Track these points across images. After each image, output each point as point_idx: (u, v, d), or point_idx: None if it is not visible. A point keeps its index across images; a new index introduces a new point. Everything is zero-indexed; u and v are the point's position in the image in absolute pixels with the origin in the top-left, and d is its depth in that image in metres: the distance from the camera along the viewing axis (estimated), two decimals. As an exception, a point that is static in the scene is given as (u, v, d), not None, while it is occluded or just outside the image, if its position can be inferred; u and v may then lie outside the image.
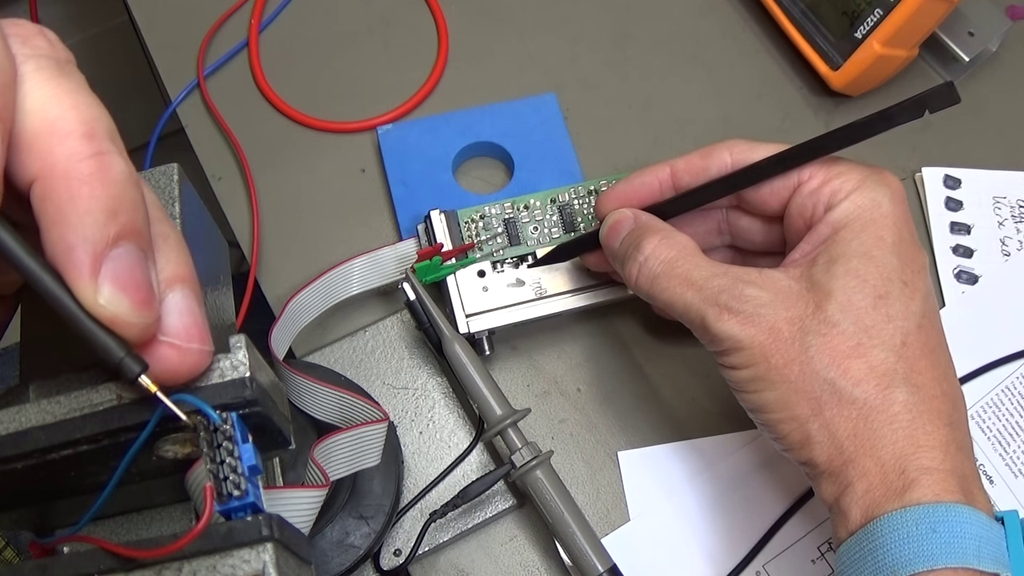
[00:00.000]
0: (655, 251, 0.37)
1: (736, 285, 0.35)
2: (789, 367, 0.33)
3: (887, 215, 0.35)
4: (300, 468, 0.38)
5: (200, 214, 0.33)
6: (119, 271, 0.22)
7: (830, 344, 0.33)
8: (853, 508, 0.32)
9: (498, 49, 0.55)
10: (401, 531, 0.42)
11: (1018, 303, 0.48)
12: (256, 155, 0.51)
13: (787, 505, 0.43)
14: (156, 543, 0.22)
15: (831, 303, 0.34)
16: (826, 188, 0.36)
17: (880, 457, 0.32)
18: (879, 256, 0.34)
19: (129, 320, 0.22)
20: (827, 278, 0.34)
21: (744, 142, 0.38)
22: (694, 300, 0.35)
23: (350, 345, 0.46)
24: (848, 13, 0.50)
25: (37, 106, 0.22)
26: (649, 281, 0.37)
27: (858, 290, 0.34)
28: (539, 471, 0.40)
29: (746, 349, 0.34)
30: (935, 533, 0.30)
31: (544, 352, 0.47)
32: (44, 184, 0.21)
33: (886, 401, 0.33)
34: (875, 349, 0.33)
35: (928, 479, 0.31)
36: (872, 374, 0.33)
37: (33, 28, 0.23)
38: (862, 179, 0.35)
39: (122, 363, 0.22)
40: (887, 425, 0.32)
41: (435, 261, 0.43)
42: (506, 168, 0.51)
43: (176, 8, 0.56)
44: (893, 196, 0.35)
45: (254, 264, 0.48)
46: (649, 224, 0.39)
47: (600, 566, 0.39)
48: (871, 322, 0.33)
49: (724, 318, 0.34)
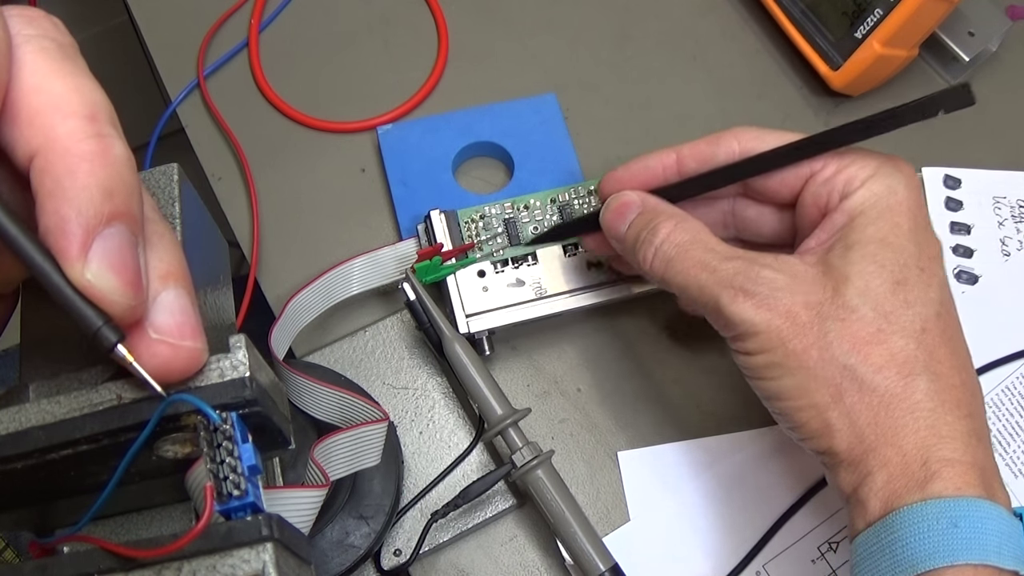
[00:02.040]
0: (671, 235, 0.36)
1: (751, 267, 0.34)
2: (807, 353, 0.33)
3: (902, 202, 0.35)
4: (300, 468, 0.38)
5: (200, 214, 0.33)
6: (109, 249, 0.22)
7: (850, 330, 0.33)
8: (872, 499, 0.32)
9: (498, 49, 0.55)
10: (401, 531, 0.42)
11: (1018, 303, 0.48)
12: (256, 155, 0.51)
13: (787, 505, 0.43)
14: (156, 543, 0.22)
15: (849, 288, 0.33)
16: (840, 176, 0.35)
17: (902, 447, 0.32)
18: (896, 242, 0.34)
19: (113, 298, 0.22)
20: (844, 263, 0.34)
21: (752, 129, 0.38)
22: (708, 282, 0.35)
23: (350, 345, 0.46)
24: (848, 13, 0.50)
25: (41, 84, 0.22)
26: (664, 265, 0.37)
27: (876, 275, 0.33)
28: (540, 471, 0.40)
29: (762, 333, 0.33)
30: (956, 528, 0.30)
31: (544, 352, 0.47)
32: (44, 158, 0.21)
33: (907, 389, 0.32)
34: (895, 336, 0.33)
35: (950, 471, 0.31)
36: (893, 361, 0.32)
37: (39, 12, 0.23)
38: (877, 167, 0.35)
39: (99, 332, 0.22)
40: (909, 414, 0.32)
41: (435, 261, 0.43)
42: (506, 168, 0.51)
43: (176, 8, 0.56)
44: (908, 183, 0.35)
45: (254, 264, 0.48)
46: (661, 208, 0.38)
47: (602, 565, 0.39)
48: (890, 308, 0.33)
49: (739, 300, 0.34)
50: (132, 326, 0.23)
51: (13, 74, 0.22)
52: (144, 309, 0.23)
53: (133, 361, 0.23)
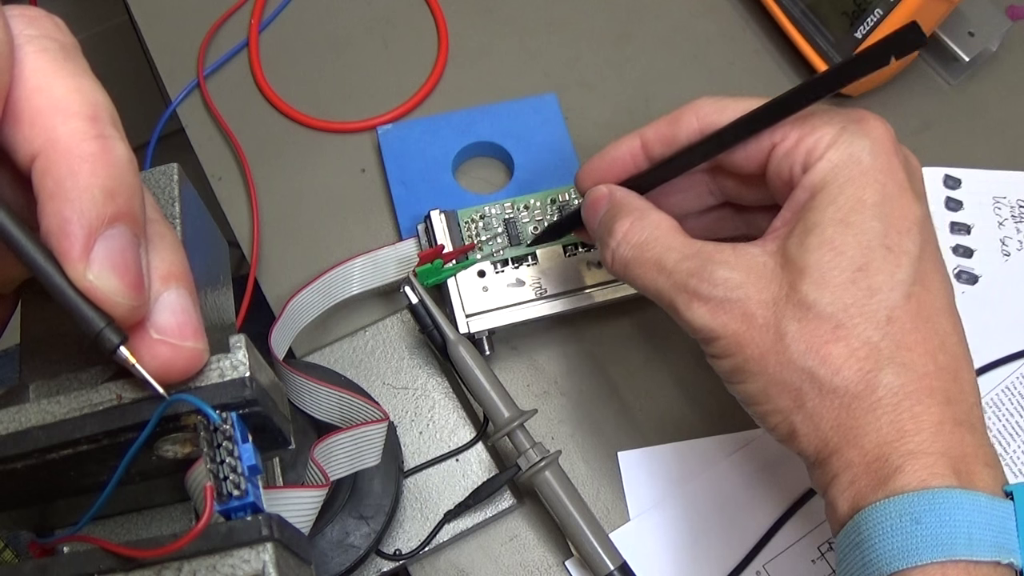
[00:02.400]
0: (626, 235, 0.35)
1: (706, 267, 0.32)
2: (766, 358, 0.31)
3: (867, 171, 0.31)
4: (300, 468, 0.38)
5: (200, 214, 0.33)
6: (111, 251, 0.22)
7: (807, 329, 0.31)
8: (840, 500, 0.31)
9: (498, 49, 0.55)
10: (401, 531, 0.42)
11: (1018, 303, 0.48)
12: (256, 155, 0.51)
13: (787, 505, 0.43)
14: (156, 543, 0.22)
15: (805, 281, 0.31)
16: (801, 147, 0.33)
17: (863, 446, 0.30)
18: (857, 222, 0.31)
19: (115, 299, 0.22)
20: (801, 252, 0.31)
21: (712, 101, 0.35)
22: (665, 286, 0.33)
23: (350, 345, 0.46)
24: (848, 13, 0.50)
25: (42, 85, 0.22)
26: (622, 267, 0.35)
27: (833, 264, 0.31)
28: (548, 471, 0.40)
29: (720, 339, 0.32)
30: (918, 524, 0.28)
31: (544, 352, 0.47)
32: (46, 159, 0.21)
33: (869, 387, 0.30)
34: (856, 329, 0.31)
35: (913, 464, 0.29)
36: (853, 358, 0.30)
37: (41, 12, 0.23)
38: (838, 133, 0.32)
39: (101, 334, 0.22)
40: (870, 412, 0.30)
41: (436, 264, 0.43)
42: (506, 168, 0.51)
43: (176, 8, 0.56)
44: (874, 147, 0.32)
45: (254, 264, 0.48)
46: (623, 203, 0.36)
47: (611, 564, 0.39)
48: (851, 300, 0.31)
49: (694, 306, 0.32)
50: (133, 326, 0.23)
51: (15, 75, 0.22)
52: (146, 310, 0.23)
53: (136, 363, 0.23)
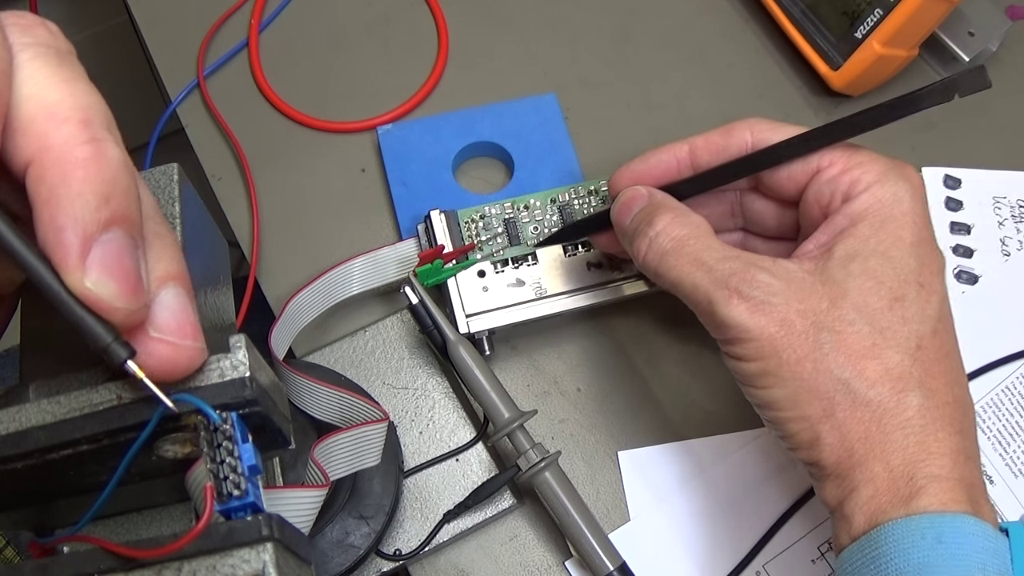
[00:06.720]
0: (667, 228, 0.36)
1: (748, 269, 0.33)
2: (801, 364, 0.32)
3: (907, 212, 0.34)
4: (300, 468, 0.38)
5: (200, 214, 0.33)
6: (107, 256, 0.22)
7: (845, 342, 0.32)
8: (857, 513, 0.32)
9: (498, 49, 0.55)
10: (401, 531, 0.42)
11: (1018, 303, 0.48)
12: (256, 155, 0.51)
13: (787, 505, 0.43)
14: (156, 543, 0.22)
15: (846, 302, 0.33)
16: (846, 177, 0.35)
17: (889, 462, 0.31)
18: (897, 256, 0.33)
19: (114, 305, 0.22)
20: (843, 275, 0.33)
21: (766, 121, 0.37)
22: (703, 281, 0.34)
23: (350, 345, 0.46)
24: (848, 13, 0.50)
25: (35, 92, 0.22)
26: (658, 257, 0.36)
27: (874, 291, 0.33)
28: (548, 472, 0.40)
29: (755, 340, 0.33)
30: (941, 544, 0.30)
31: (544, 352, 0.47)
32: (39, 166, 0.21)
33: (900, 405, 0.32)
34: (890, 351, 0.32)
35: (936, 487, 0.31)
36: (887, 376, 0.32)
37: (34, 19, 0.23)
38: (883, 172, 0.34)
39: (109, 348, 0.22)
40: (900, 429, 0.32)
41: (436, 264, 0.43)
42: (506, 168, 0.51)
43: (176, 8, 0.56)
44: (914, 192, 0.34)
45: (254, 264, 0.48)
46: (663, 202, 0.37)
47: (610, 564, 0.39)
48: (886, 324, 0.33)
49: (733, 303, 0.33)
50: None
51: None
52: (146, 313, 0.23)
53: (144, 377, 0.23)
